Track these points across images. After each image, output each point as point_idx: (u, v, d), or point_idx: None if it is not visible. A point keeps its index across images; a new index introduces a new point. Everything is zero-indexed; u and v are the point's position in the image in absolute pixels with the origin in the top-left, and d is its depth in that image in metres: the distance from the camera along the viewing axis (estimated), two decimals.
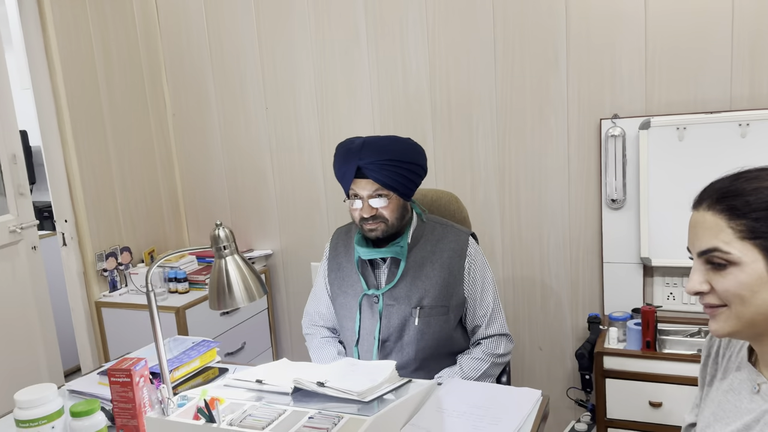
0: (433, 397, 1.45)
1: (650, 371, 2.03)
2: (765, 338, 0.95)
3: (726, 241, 0.91)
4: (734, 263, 0.91)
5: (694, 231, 0.96)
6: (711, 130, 2.08)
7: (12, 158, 2.49)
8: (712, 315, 0.96)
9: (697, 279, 0.95)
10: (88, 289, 2.65)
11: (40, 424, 1.30)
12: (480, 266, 1.72)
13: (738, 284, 0.91)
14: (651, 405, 2.03)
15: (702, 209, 0.95)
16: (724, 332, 0.95)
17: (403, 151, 1.62)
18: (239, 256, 1.39)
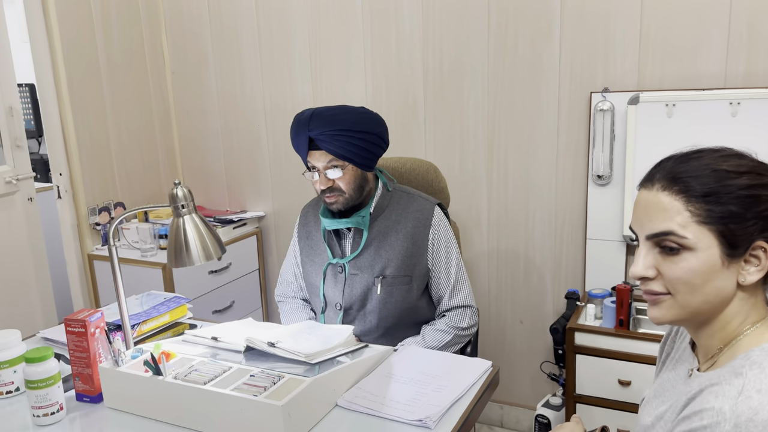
0: (385, 362, 1.48)
1: (622, 350, 2.03)
2: (703, 327, 0.93)
3: (682, 225, 0.87)
4: (688, 248, 0.87)
5: (644, 211, 0.91)
6: (701, 108, 2.04)
7: (9, 110, 2.54)
8: (654, 302, 0.92)
9: (644, 263, 0.91)
10: (82, 242, 2.72)
11: (2, 368, 1.37)
12: (444, 237, 1.73)
13: (690, 271, 0.87)
14: (620, 383, 2.04)
15: (655, 189, 0.90)
16: (665, 320, 0.92)
17: (354, 121, 1.61)
18: (197, 216, 1.42)
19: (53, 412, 1.27)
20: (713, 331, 0.93)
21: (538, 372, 2.55)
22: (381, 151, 1.67)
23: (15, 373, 1.39)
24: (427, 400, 1.29)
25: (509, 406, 2.65)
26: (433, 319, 1.79)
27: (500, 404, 2.66)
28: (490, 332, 2.61)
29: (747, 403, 0.82)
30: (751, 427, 0.80)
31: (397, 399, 1.31)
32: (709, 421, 0.83)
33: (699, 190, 0.88)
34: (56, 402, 1.28)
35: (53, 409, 1.27)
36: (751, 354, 0.88)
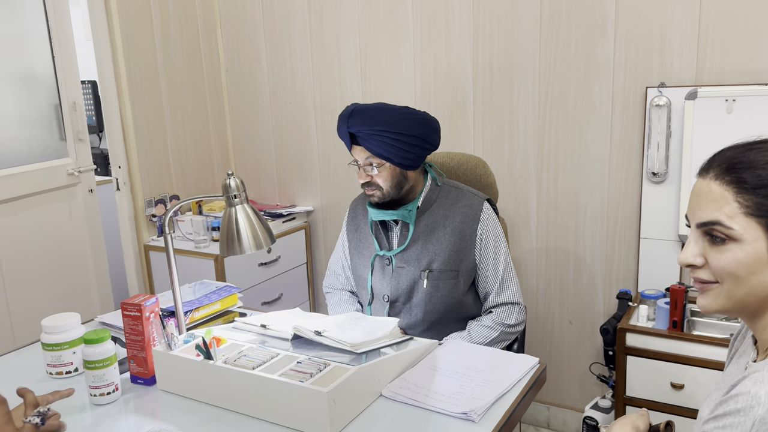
0: (430, 355, 1.48)
1: (675, 352, 1.97)
2: (757, 320, 0.92)
3: (730, 216, 0.86)
4: (734, 239, 0.86)
5: (696, 200, 0.91)
6: (763, 103, 1.95)
7: (72, 105, 2.65)
8: (702, 290, 0.92)
9: (692, 251, 0.91)
10: (138, 233, 2.82)
11: (62, 348, 1.43)
12: (493, 232, 1.71)
13: (735, 262, 0.87)
14: (673, 386, 1.98)
15: (709, 178, 0.89)
16: (712, 309, 0.92)
17: (392, 122, 1.60)
18: (249, 206, 1.45)
19: (109, 392, 1.32)
20: (766, 324, 0.91)
21: (586, 373, 2.49)
22: (424, 151, 1.65)
23: (74, 354, 1.45)
24: (471, 394, 1.28)
25: (556, 407, 2.61)
26: (479, 315, 1.78)
27: (547, 405, 2.62)
28: (537, 331, 2.57)
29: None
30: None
31: (442, 392, 1.30)
32: (743, 405, 0.82)
33: (751, 182, 0.86)
34: (112, 382, 1.32)
35: (109, 389, 1.32)
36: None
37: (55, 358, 1.43)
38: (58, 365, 1.44)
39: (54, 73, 2.60)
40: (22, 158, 2.50)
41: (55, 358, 1.43)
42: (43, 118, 2.60)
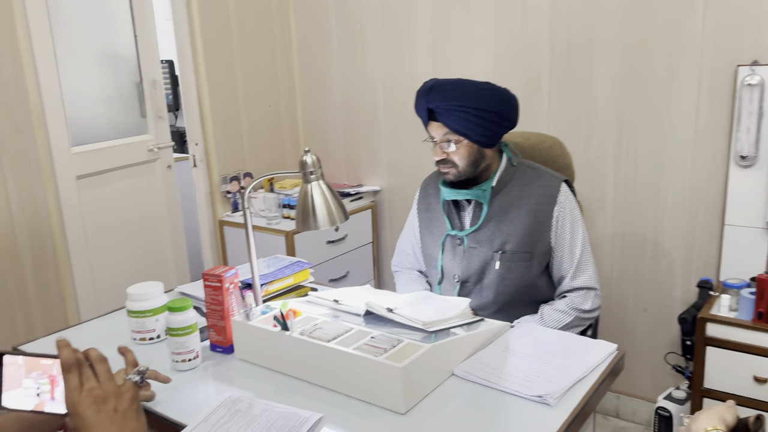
0: (502, 337, 1.46)
1: (759, 344, 1.87)
2: None
3: None
4: None
5: None
6: None
7: (153, 83, 2.75)
8: None
9: None
10: (213, 209, 2.91)
11: (146, 316, 1.50)
12: (570, 215, 1.67)
13: None
14: (756, 380, 1.88)
15: None
16: None
17: (473, 98, 1.57)
18: (324, 183, 1.46)
19: (190, 358, 1.37)
20: None
21: (660, 363, 2.41)
22: (503, 129, 1.62)
23: (157, 321, 1.51)
24: (546, 378, 1.26)
25: (626, 396, 2.53)
26: (552, 299, 1.74)
27: (617, 394, 2.55)
28: (609, 319, 2.50)
29: None
30: None
31: (515, 374, 1.29)
32: None
33: None
34: (193, 350, 1.37)
35: (190, 356, 1.37)
36: None
37: (139, 325, 1.50)
38: (142, 331, 1.50)
39: (136, 52, 2.70)
40: (106, 134, 2.61)
41: (139, 324, 1.50)
42: (125, 95, 2.71)
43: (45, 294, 2.30)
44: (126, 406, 0.90)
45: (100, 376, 0.91)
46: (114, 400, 0.90)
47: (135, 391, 0.94)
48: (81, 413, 0.87)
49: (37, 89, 2.23)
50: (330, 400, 1.23)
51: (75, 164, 2.42)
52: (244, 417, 1.13)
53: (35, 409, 0.93)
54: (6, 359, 0.92)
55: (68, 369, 0.89)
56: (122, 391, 0.91)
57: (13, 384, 0.93)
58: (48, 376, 0.93)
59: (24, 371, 0.93)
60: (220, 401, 1.19)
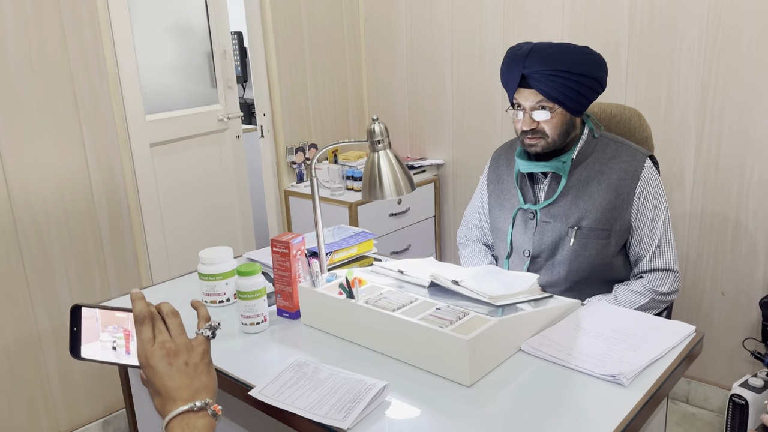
0: (572, 315, 1.41)
1: None
2: None
3: None
4: None
5: None
6: None
7: (223, 54, 2.79)
8: None
9: None
10: (279, 179, 2.95)
11: (216, 279, 1.53)
12: (654, 192, 1.58)
13: None
14: None
15: None
16: None
17: (575, 62, 1.48)
18: (391, 152, 1.44)
19: (258, 322, 1.40)
20: None
21: (737, 349, 2.29)
22: (596, 96, 1.55)
23: (227, 285, 1.54)
24: (619, 357, 1.21)
25: (698, 382, 2.43)
26: (627, 279, 1.67)
27: (688, 379, 2.45)
28: (684, 301, 2.39)
29: None
30: None
31: (586, 352, 1.24)
32: None
33: None
34: (261, 314, 1.40)
35: (258, 319, 1.40)
36: None
37: (210, 288, 1.54)
38: (212, 294, 1.54)
39: (207, 23, 2.74)
40: (178, 103, 2.68)
41: (209, 287, 1.54)
42: (197, 66, 2.76)
43: (120, 256, 2.40)
44: (197, 360, 0.91)
45: (172, 330, 0.92)
46: (186, 353, 0.90)
47: (206, 346, 0.93)
48: (153, 365, 0.88)
49: (114, 58, 2.30)
50: (394, 368, 1.22)
51: (149, 132, 2.49)
52: (311, 380, 1.14)
53: (111, 360, 0.96)
54: (84, 312, 0.96)
55: (141, 321, 0.90)
56: (194, 345, 0.92)
57: (92, 337, 0.96)
58: (123, 329, 0.96)
59: (101, 324, 0.96)
60: (286, 364, 1.20)
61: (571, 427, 1.03)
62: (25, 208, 2.12)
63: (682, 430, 2.32)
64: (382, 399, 1.11)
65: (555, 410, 1.07)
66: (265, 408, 1.12)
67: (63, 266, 2.24)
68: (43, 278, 2.19)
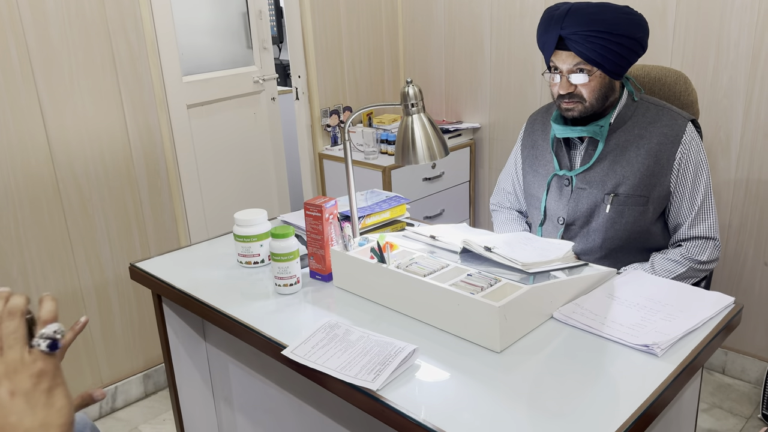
0: (607, 283, 1.39)
1: None
2: None
3: None
4: None
5: None
6: None
7: (258, 14, 2.77)
8: None
9: None
10: (314, 141, 2.95)
11: (251, 240, 1.56)
12: (695, 158, 1.53)
13: None
14: None
15: None
16: None
17: (614, 22, 1.43)
18: (426, 116, 1.42)
19: (291, 283, 1.42)
20: None
21: None
22: (636, 58, 1.49)
23: (261, 246, 1.57)
24: (653, 327, 1.20)
25: (736, 353, 2.39)
26: (665, 248, 1.63)
27: (725, 350, 2.41)
28: (725, 271, 2.34)
29: None
30: None
31: (620, 321, 1.23)
32: None
33: None
34: (294, 275, 1.42)
35: (292, 281, 1.42)
36: None
37: (245, 249, 1.56)
38: (247, 255, 1.57)
39: None
40: (214, 64, 2.69)
41: (245, 249, 1.56)
42: (233, 26, 2.75)
43: (159, 215, 2.46)
44: (28, 386, 0.62)
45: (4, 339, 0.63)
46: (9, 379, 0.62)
47: (45, 365, 0.64)
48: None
49: (151, 19, 2.31)
50: (424, 333, 1.23)
51: (186, 93, 2.51)
52: (342, 342, 1.16)
53: None
54: None
55: None
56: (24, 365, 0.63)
57: None
58: None
59: None
60: (318, 325, 1.22)
61: (601, 396, 1.02)
62: (66, 167, 2.18)
63: (717, 400, 2.30)
64: (412, 362, 1.12)
65: (585, 379, 1.07)
66: (297, 367, 1.14)
67: (104, 224, 2.30)
68: (85, 236, 2.26)
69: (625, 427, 0.95)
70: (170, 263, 1.64)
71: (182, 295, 1.47)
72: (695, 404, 1.35)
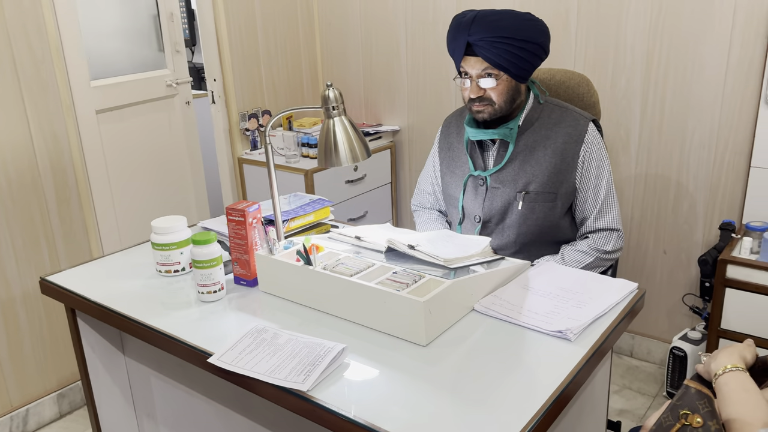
0: (522, 275, 1.47)
1: None
2: None
3: None
4: None
5: None
6: None
7: (170, 16, 2.70)
8: None
9: None
10: (232, 146, 2.90)
11: (170, 249, 1.52)
12: (596, 155, 1.64)
13: None
14: None
15: None
16: None
17: (518, 28, 1.51)
18: (347, 119, 1.44)
19: (215, 290, 1.40)
20: None
21: (677, 304, 2.42)
22: (539, 62, 1.57)
23: (182, 254, 1.53)
24: (566, 314, 1.27)
25: (641, 336, 2.56)
26: (574, 240, 1.74)
27: (632, 334, 2.58)
28: (629, 260, 2.50)
29: None
30: None
31: (535, 310, 1.30)
32: None
33: None
34: (218, 282, 1.40)
35: (215, 287, 1.40)
36: None
37: (165, 258, 1.53)
38: (167, 264, 1.53)
39: None
40: (124, 68, 2.59)
41: (164, 257, 1.52)
42: (143, 29, 2.66)
43: (69, 226, 2.34)
44: None
45: None
46: None
47: None
48: None
49: (54, 21, 2.21)
50: (352, 332, 1.25)
51: (94, 98, 2.41)
52: (270, 346, 1.16)
53: None
54: None
55: None
56: None
57: None
58: None
59: None
60: (245, 331, 1.22)
61: (520, 381, 1.08)
62: None
63: (626, 381, 2.46)
64: (341, 361, 1.13)
65: (506, 366, 1.12)
66: (225, 374, 1.13)
67: (8, 237, 2.17)
68: None
69: (543, 410, 1.01)
70: (84, 275, 1.58)
71: (99, 308, 1.42)
72: (606, 386, 1.44)
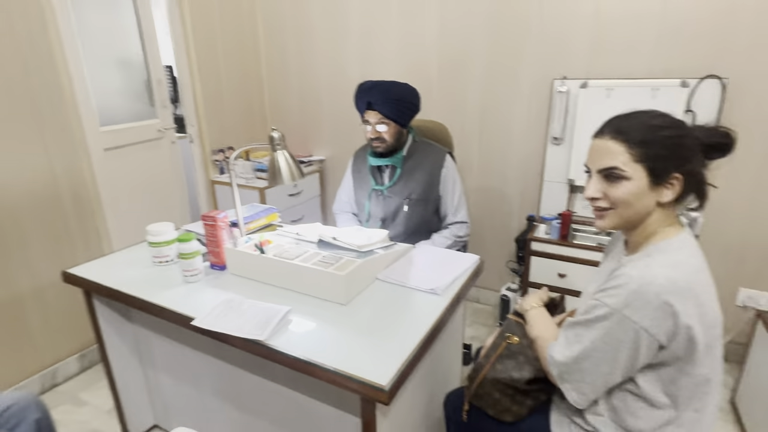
0: (408, 254, 1.49)
1: (562, 254, 2.02)
2: (633, 230, 0.93)
3: (624, 162, 0.86)
4: (627, 178, 0.86)
5: (597, 153, 0.89)
6: (631, 92, 1.92)
7: (158, 82, 2.50)
8: (601, 216, 0.92)
9: (594, 189, 0.90)
10: (207, 172, 2.74)
11: (162, 245, 1.42)
12: (452, 174, 1.70)
13: (627, 193, 0.87)
14: (559, 275, 2.05)
15: (605, 138, 0.88)
16: (608, 227, 0.92)
17: (401, 93, 1.56)
18: (287, 152, 1.41)
19: (195, 274, 1.32)
20: (638, 231, 0.93)
21: (503, 268, 2.56)
22: (414, 114, 1.62)
23: (171, 249, 1.43)
24: (436, 278, 1.31)
25: (483, 289, 2.69)
26: (440, 230, 1.79)
27: (477, 287, 2.70)
28: (475, 241, 2.61)
29: (649, 271, 0.83)
30: (648, 288, 0.82)
31: (417, 276, 1.33)
32: (620, 282, 0.84)
33: (636, 138, 0.86)
34: (197, 268, 1.32)
35: (195, 272, 1.32)
36: (660, 245, 0.88)
37: (158, 252, 1.42)
38: (159, 257, 1.42)
39: (144, 57, 2.44)
40: (124, 118, 2.38)
41: (157, 252, 1.42)
42: (138, 90, 2.46)
43: (86, 234, 2.12)
44: None
45: None
46: None
47: None
48: None
49: (69, 85, 1.98)
50: (295, 299, 1.22)
51: (103, 140, 2.19)
52: (236, 311, 1.11)
53: None
54: None
55: None
56: None
57: None
58: None
59: None
60: (218, 301, 1.16)
61: (408, 324, 1.10)
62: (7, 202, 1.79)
63: (474, 318, 2.56)
64: (288, 318, 1.11)
65: (399, 315, 1.14)
66: (206, 332, 1.07)
67: (40, 242, 1.93)
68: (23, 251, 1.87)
69: (423, 339, 1.04)
70: (97, 267, 1.44)
71: (109, 290, 1.30)
72: (462, 321, 1.51)
